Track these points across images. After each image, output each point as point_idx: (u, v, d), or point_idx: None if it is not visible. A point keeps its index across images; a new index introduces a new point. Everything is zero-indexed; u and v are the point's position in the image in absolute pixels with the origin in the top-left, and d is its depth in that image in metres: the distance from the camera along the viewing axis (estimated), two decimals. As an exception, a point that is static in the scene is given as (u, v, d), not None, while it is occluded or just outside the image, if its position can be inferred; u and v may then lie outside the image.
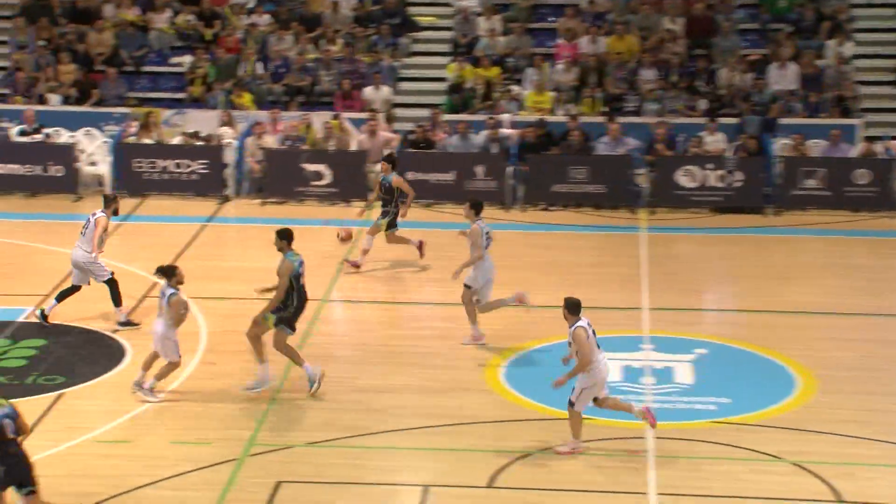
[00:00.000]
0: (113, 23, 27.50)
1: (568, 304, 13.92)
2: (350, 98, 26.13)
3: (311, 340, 17.44)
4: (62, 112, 25.55)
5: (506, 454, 14.19)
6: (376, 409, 15.41)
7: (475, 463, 14.05)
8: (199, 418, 15.12)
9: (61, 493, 13.23)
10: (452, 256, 20.90)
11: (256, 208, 23.74)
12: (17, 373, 15.91)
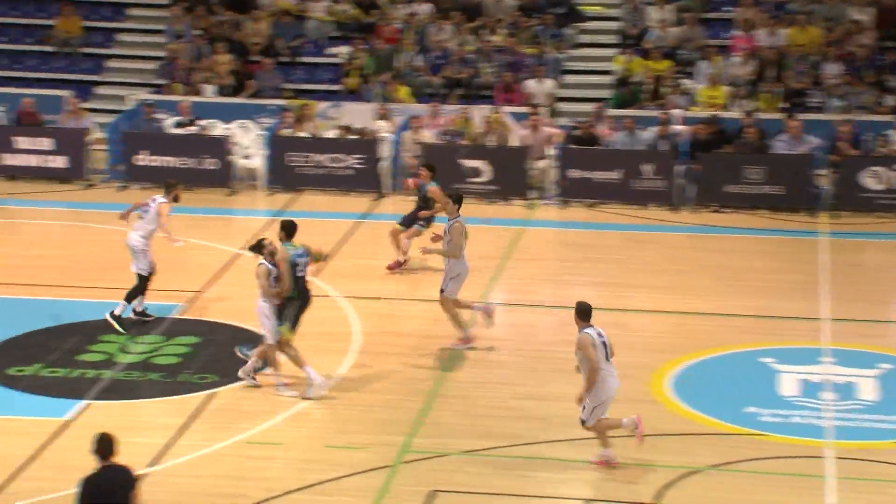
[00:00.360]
0: (270, 12, 28.02)
1: (578, 309, 13.82)
2: (511, 91, 26.18)
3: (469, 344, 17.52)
4: (217, 103, 26.13)
5: (673, 469, 14.05)
6: (537, 417, 15.40)
7: (640, 477, 13.95)
8: (352, 422, 15.29)
9: (212, 494, 13.56)
10: (619, 259, 20.85)
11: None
12: (169, 370, 16.30)
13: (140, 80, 27.76)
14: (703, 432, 15.05)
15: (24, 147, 24.47)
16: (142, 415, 15.38)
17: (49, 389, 15.88)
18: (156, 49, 28.17)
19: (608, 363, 13.85)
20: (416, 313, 18.69)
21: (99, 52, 28.48)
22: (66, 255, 20.13)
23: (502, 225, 22.79)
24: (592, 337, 13.73)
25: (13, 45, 28.48)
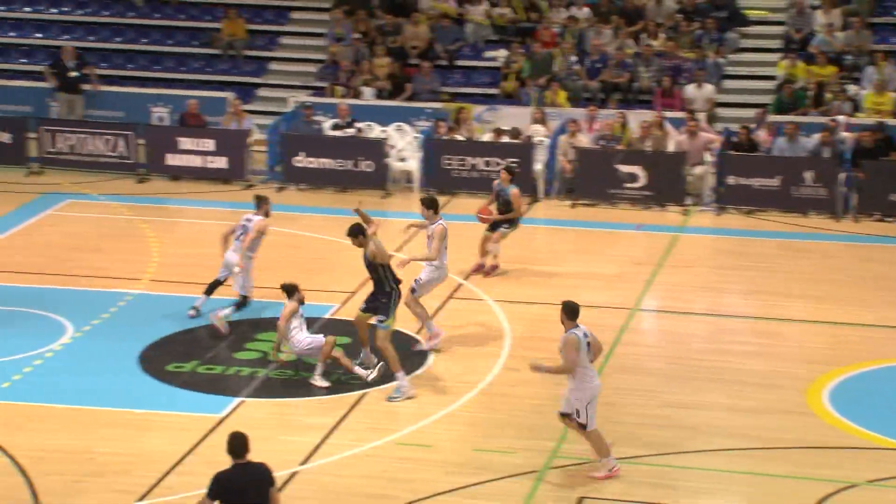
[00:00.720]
0: (429, 15, 28.27)
1: (565, 308, 13.65)
2: (670, 96, 25.99)
3: (619, 350, 17.47)
4: (375, 106, 26.46)
5: (827, 483, 13.81)
6: (686, 426, 15.29)
7: (793, 491, 13.75)
8: (501, 426, 15.35)
9: (360, 493, 13.75)
10: (772, 268, 20.56)
11: (566, 210, 23.94)
12: (324, 371, 16.55)
13: (301, 82, 28.25)
14: (861, 446, 14.77)
15: (187, 147, 25.07)
16: (294, 414, 15.64)
17: (205, 386, 16.26)
18: (317, 52, 28.63)
19: (590, 364, 13.82)
20: (568, 319, 18.64)
21: (262, 54, 29.05)
22: (220, 255, 20.52)
23: (657, 231, 22.65)
24: (579, 338, 13.65)
25: (179, 48, 29.21)
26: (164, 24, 29.58)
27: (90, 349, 17.17)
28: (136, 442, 14.69)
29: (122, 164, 25.29)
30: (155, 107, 27.05)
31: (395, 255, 19.66)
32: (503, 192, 19.89)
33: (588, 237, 22.45)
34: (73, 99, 26.86)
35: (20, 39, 29.36)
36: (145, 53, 29.17)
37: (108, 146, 25.37)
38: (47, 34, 29.39)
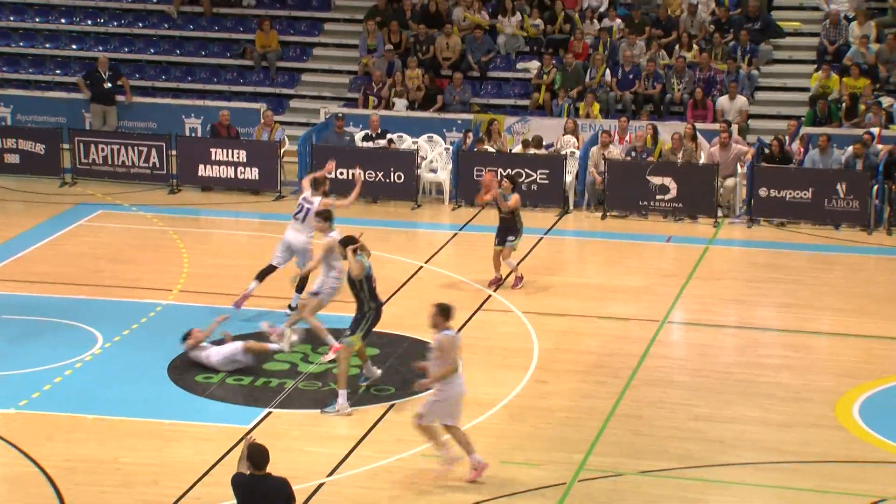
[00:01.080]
0: (461, 27, 28.31)
1: (441, 309, 13.76)
2: (703, 108, 25.93)
3: (648, 363, 17.42)
4: (406, 117, 26.51)
5: (857, 497, 13.73)
6: (714, 439, 15.23)
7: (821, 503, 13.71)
8: (529, 438, 15.34)
9: (386, 505, 13.77)
10: (802, 280, 20.48)
11: (597, 221, 23.91)
12: (349, 381, 16.55)
13: (333, 93, 28.34)
14: (891, 460, 14.68)
15: (219, 158, 25.18)
16: (322, 425, 15.66)
17: (234, 397, 16.31)
18: (349, 63, 28.73)
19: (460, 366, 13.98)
20: (597, 331, 18.65)
21: (295, 66, 29.17)
22: (253, 265, 20.55)
23: (688, 243, 22.59)
24: (454, 340, 13.79)
25: (213, 59, 29.36)
26: (197, 36, 29.75)
27: (120, 360, 17.26)
28: (164, 452, 14.75)
29: (154, 175, 25.43)
30: (188, 118, 27.19)
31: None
32: (505, 199, 19.72)
33: (618, 249, 22.41)
34: (107, 110, 27.04)
35: (55, 51, 29.59)
36: (179, 65, 29.34)
37: (140, 157, 25.52)
38: (82, 46, 29.61)
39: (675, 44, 27.38)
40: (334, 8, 29.95)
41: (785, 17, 28.37)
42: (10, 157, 25.58)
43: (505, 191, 19.80)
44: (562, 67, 27.01)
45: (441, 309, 13.96)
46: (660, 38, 27.49)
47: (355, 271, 15.82)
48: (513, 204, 19.74)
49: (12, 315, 18.41)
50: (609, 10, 28.26)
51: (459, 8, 28.67)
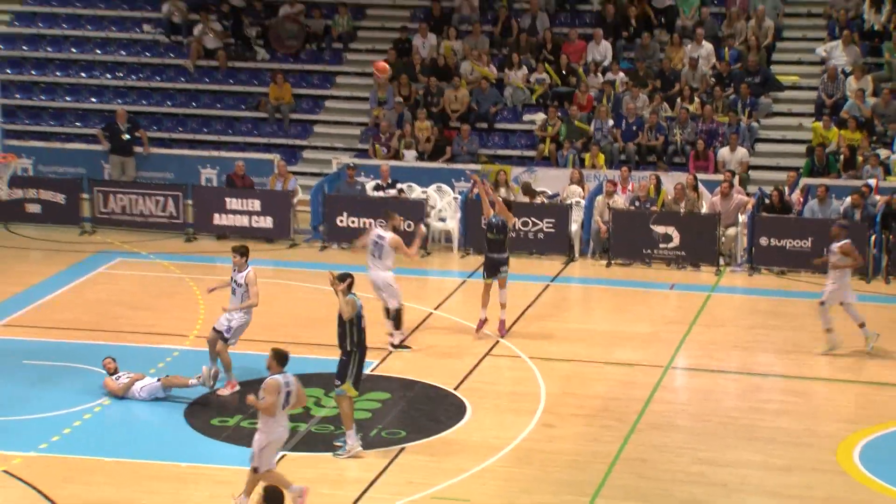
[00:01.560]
0: (469, 80, 28.50)
1: (275, 355, 14.17)
2: (704, 159, 26.06)
3: (652, 408, 17.45)
4: (416, 168, 26.64)
5: (856, 541, 13.75)
6: (717, 483, 15.23)
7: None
8: (537, 481, 15.35)
9: (397, 546, 13.77)
10: (803, 327, 20.51)
11: (602, 269, 23.98)
12: (360, 425, 16.60)
13: (345, 144, 28.50)
14: (888, 505, 14.70)
15: (234, 208, 25.32)
16: (334, 468, 15.69)
17: (248, 440, 16.27)
18: (361, 115, 28.91)
19: (283, 412, 14.18)
20: (603, 376, 18.69)
21: (307, 118, 29.35)
22: (268, 312, 20.65)
23: (690, 290, 22.64)
24: (281, 386, 14.08)
25: (228, 112, 29.56)
26: (213, 89, 29.96)
27: (137, 404, 17.31)
28: (180, 495, 14.78)
29: (171, 223, 25.56)
30: (203, 168, 27.36)
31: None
32: (495, 220, 19.64)
33: (623, 296, 22.47)
34: (126, 161, 27.20)
35: (76, 104, 29.80)
36: (195, 117, 29.53)
37: (158, 206, 25.67)
38: (101, 99, 29.82)
39: (677, 97, 27.54)
40: (346, 62, 30.18)
41: (784, 71, 28.54)
42: (31, 207, 25.74)
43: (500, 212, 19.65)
44: (566, 119, 27.16)
45: (276, 354, 14.30)
46: (662, 91, 27.64)
47: (346, 311, 15.81)
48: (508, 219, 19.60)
49: (33, 360, 18.49)
50: (612, 63, 28.44)
51: (467, 62, 28.88)
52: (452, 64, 28.92)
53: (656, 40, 28.88)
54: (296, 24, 30.26)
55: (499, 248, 19.64)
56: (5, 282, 22.24)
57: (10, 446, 15.97)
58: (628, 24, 29.19)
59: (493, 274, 19.70)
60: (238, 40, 30.40)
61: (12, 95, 29.20)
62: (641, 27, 29.07)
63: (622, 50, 28.96)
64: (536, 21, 29.45)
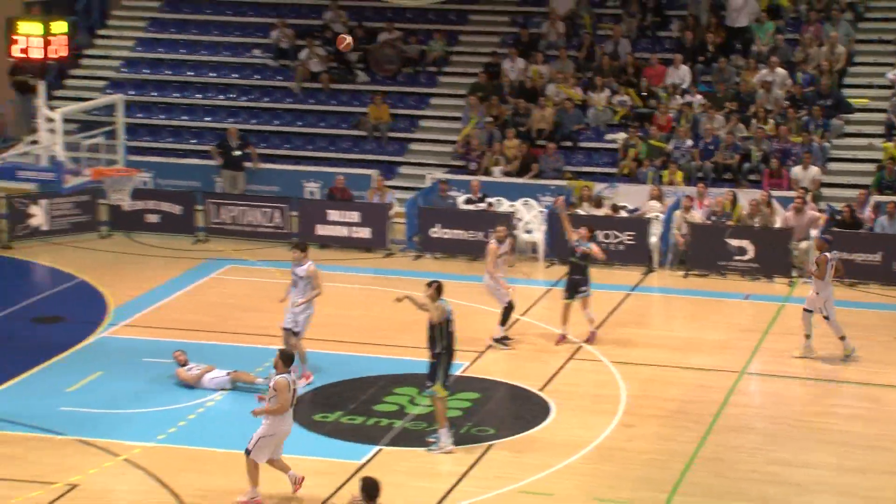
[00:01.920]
0: (555, 101, 28.40)
1: (283, 356, 14.36)
2: (778, 176, 25.71)
3: (727, 411, 17.23)
4: (504, 183, 26.59)
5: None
6: (791, 482, 14.99)
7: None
8: (618, 478, 15.23)
9: (486, 536, 13.72)
10: (873, 337, 20.13)
11: (679, 280, 23.74)
12: (452, 422, 16.53)
13: (438, 161, 28.52)
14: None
15: (335, 219, 25.43)
16: (427, 462, 15.68)
17: (347, 435, 16.39)
18: (453, 134, 28.91)
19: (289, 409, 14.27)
20: (680, 380, 18.48)
21: (404, 136, 29.42)
22: (366, 316, 20.78)
23: (764, 301, 22.31)
24: (290, 384, 14.24)
25: (330, 130, 29.71)
26: (317, 109, 30.13)
27: (246, 399, 17.41)
28: (285, 484, 14.84)
29: (277, 233, 25.74)
30: (307, 182, 27.54)
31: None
32: (581, 246, 19.59)
33: (699, 305, 22.22)
34: (236, 175, 27.46)
35: (191, 122, 30.14)
36: (300, 135, 29.72)
37: (265, 217, 25.86)
38: (215, 118, 30.14)
39: (753, 118, 27.20)
40: (440, 84, 30.21)
41: (855, 94, 28.07)
42: (151, 217, 26.06)
43: (582, 238, 19.65)
44: (646, 138, 26.94)
45: (283, 355, 14.52)
46: (739, 112, 27.31)
47: (434, 315, 15.73)
48: (594, 252, 19.57)
49: (153, 358, 18.70)
50: (691, 86, 28.18)
51: (553, 84, 28.76)
52: (540, 86, 28.82)
53: (732, 64, 28.56)
54: (394, 50, 30.37)
55: (580, 271, 19.63)
56: (127, 286, 22.53)
57: (132, 437, 16.18)
58: (706, 50, 28.90)
59: (572, 295, 19.61)
60: (340, 64, 30.57)
61: (135, 114, 29.57)
62: (719, 52, 28.77)
63: (700, 73, 28.68)
64: (619, 46, 29.27)
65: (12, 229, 25.16)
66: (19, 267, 24.07)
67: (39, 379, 18.25)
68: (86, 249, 24.87)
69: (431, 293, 15.75)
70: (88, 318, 20.76)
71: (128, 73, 31.20)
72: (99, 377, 18.24)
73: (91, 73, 31.46)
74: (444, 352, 15.77)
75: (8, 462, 15.46)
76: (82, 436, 16.22)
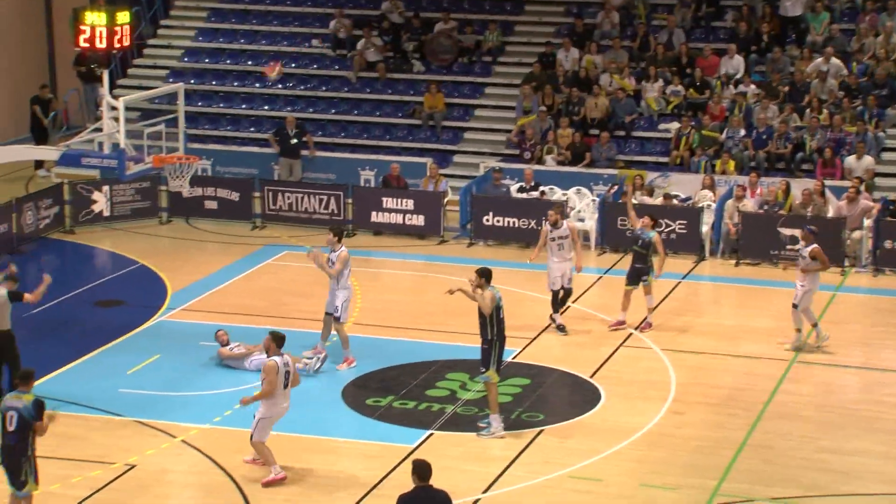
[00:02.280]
0: (608, 91, 28.24)
1: (275, 337, 14.22)
2: (831, 166, 25.41)
3: (777, 398, 17.08)
4: (557, 172, 26.49)
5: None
6: (840, 470, 14.85)
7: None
8: (666, 464, 15.15)
9: (535, 520, 13.69)
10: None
11: (731, 268, 23.54)
12: (502, 408, 16.54)
13: (492, 150, 28.46)
14: None
15: (390, 206, 25.47)
16: (478, 446, 15.69)
17: (399, 419, 16.43)
18: (507, 123, 28.84)
19: (285, 390, 14.28)
20: (730, 368, 18.35)
21: (458, 125, 29.38)
22: (418, 302, 20.79)
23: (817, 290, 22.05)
24: (279, 367, 14.18)
25: (386, 119, 29.74)
26: (373, 98, 30.17)
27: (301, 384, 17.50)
28: (336, 467, 14.92)
29: (332, 220, 25.75)
30: (363, 170, 27.60)
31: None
32: (644, 235, 19.50)
33: (750, 293, 22.03)
34: (293, 163, 27.57)
35: (250, 111, 30.29)
36: (356, 124, 29.77)
37: (321, 204, 25.94)
38: (273, 106, 30.26)
39: (807, 108, 26.89)
40: (494, 74, 30.13)
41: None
42: (209, 204, 26.22)
43: (646, 228, 19.55)
44: (699, 128, 26.72)
45: (274, 336, 14.46)
46: (792, 102, 27.02)
47: (487, 306, 15.66)
48: (657, 243, 19.47)
49: (210, 342, 18.83)
50: (744, 76, 27.91)
51: (607, 74, 28.60)
52: (593, 76, 28.67)
53: (787, 54, 28.25)
54: (449, 40, 30.33)
55: (642, 259, 19.54)
56: (185, 270, 22.72)
57: (188, 419, 16.33)
58: (760, 39, 28.61)
59: (634, 282, 19.51)
60: (397, 54, 30.58)
61: (195, 103, 29.77)
62: (773, 42, 28.47)
63: (754, 63, 28.39)
64: (673, 37, 29.04)
65: (76, 215, 25.44)
66: (82, 252, 24.34)
67: (100, 361, 18.46)
68: (146, 235, 25.10)
69: (481, 282, 15.74)
70: (148, 302, 20.96)
71: (189, 62, 31.41)
72: (157, 360, 18.41)
73: (153, 62, 31.71)
74: (496, 338, 15.76)
75: (69, 442, 15.65)
76: (140, 417, 16.40)
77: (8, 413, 12.73)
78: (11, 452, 12.78)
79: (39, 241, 24.43)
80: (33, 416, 12.71)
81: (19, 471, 12.80)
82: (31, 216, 24.44)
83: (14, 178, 27.87)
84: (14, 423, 12.68)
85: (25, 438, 12.75)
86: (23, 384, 13.03)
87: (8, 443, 12.80)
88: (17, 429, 12.68)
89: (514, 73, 29.75)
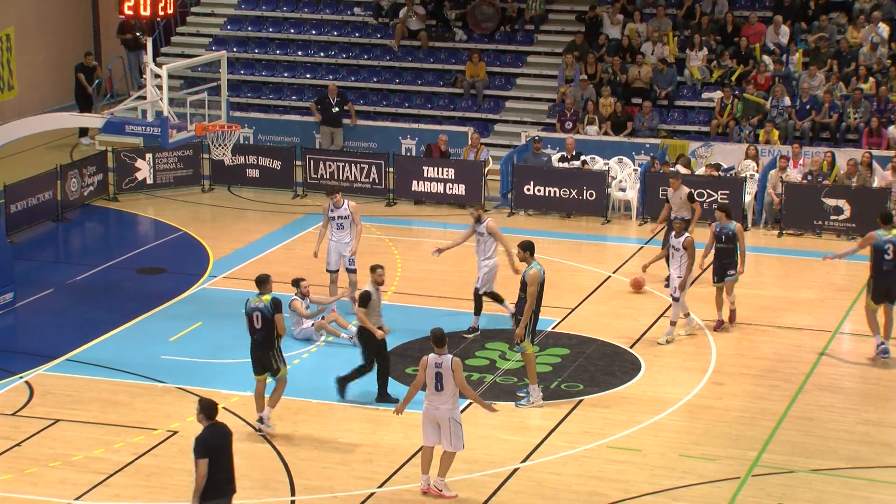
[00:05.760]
0: (651, 60, 28.00)
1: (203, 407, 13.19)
2: (877, 136, 25.09)
3: (819, 370, 16.94)
4: (599, 141, 26.33)
5: None
6: (881, 442, 14.72)
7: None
8: (706, 435, 15.08)
9: (573, 491, 13.70)
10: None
11: (774, 239, 23.34)
12: (541, 378, 16.52)
13: (533, 119, 28.32)
14: None
15: (431, 175, 25.41)
16: (517, 416, 15.67)
17: (438, 387, 16.39)
18: (549, 92, 28.67)
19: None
20: (772, 339, 18.22)
21: (500, 94, 29.25)
22: (457, 271, 20.74)
23: (860, 260, 21.79)
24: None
25: (428, 87, 29.65)
26: (415, 67, 30.08)
27: (339, 352, 17.56)
28: (377, 435, 14.96)
29: (374, 189, 25.80)
30: (404, 139, 27.55)
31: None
32: (725, 230, 18.71)
33: (793, 264, 21.85)
34: (335, 132, 27.56)
35: (292, 79, 30.28)
36: (398, 92, 29.71)
37: (362, 173, 25.93)
38: (315, 75, 30.24)
39: (853, 76, 26.55)
40: (536, 42, 29.94)
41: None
42: (251, 172, 26.28)
43: (722, 221, 18.65)
44: (743, 97, 26.45)
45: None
46: (838, 71, 26.67)
47: (530, 283, 15.57)
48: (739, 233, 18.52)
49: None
50: (790, 44, 27.58)
51: (649, 42, 28.36)
52: (637, 44, 28.43)
53: (834, 22, 27.87)
54: (492, 8, 30.16)
55: (728, 255, 18.60)
56: (227, 238, 22.80)
57: (229, 386, 16.42)
58: (806, 8, 28.24)
59: (722, 278, 18.64)
60: (439, 22, 30.45)
61: (237, 71, 29.80)
62: (819, 10, 28.10)
63: (800, 32, 28.04)
64: (717, 5, 28.72)
65: (119, 182, 25.56)
66: (125, 219, 24.47)
67: (142, 328, 18.58)
68: (188, 203, 25.20)
69: (525, 256, 15.72)
70: (190, 270, 21.06)
71: (231, 30, 31.41)
72: (199, 327, 18.50)
73: (196, 30, 31.73)
74: (534, 310, 15.72)
75: (112, 408, 15.78)
76: (182, 384, 16.50)
77: (254, 314, 14.87)
78: (262, 346, 14.87)
79: (83, 209, 24.59)
80: (272, 312, 14.74)
81: (270, 361, 14.88)
82: (76, 184, 24.60)
83: (58, 145, 28.04)
84: (260, 321, 14.81)
85: (271, 332, 14.81)
86: (260, 288, 15.10)
87: (257, 338, 14.88)
88: (261, 326, 14.77)
89: (556, 41, 29.54)
